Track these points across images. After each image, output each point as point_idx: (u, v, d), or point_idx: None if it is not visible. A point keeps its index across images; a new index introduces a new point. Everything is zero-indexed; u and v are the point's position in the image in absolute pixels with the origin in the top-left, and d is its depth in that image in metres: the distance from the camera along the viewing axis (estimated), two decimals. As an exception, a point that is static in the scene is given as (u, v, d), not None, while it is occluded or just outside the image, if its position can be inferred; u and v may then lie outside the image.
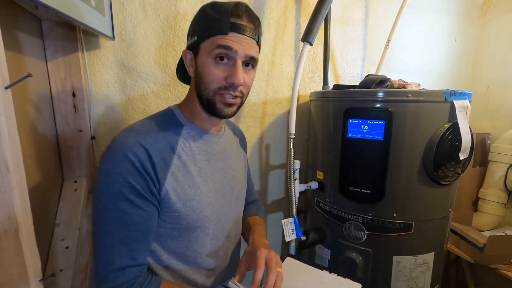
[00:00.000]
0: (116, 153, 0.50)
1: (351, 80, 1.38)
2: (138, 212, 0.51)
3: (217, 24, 0.54)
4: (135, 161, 0.50)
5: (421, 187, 0.88)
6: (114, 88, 0.94)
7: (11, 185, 0.42)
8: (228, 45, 0.53)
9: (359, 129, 0.89)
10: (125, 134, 0.53)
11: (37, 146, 0.68)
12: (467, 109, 0.86)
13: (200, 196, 0.58)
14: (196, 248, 0.59)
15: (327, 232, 1.04)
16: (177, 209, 0.55)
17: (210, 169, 0.62)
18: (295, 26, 1.21)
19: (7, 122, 0.41)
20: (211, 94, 0.56)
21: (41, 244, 0.51)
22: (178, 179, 0.55)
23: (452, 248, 1.31)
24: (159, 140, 0.55)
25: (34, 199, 0.50)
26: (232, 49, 0.53)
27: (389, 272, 0.93)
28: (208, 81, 0.55)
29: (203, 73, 0.56)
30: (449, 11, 1.51)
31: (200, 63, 0.56)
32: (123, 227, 0.50)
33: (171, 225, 0.56)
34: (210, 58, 0.54)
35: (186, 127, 0.60)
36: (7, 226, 0.42)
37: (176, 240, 0.57)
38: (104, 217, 0.50)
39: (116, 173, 0.49)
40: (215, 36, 0.54)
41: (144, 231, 0.52)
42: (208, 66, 0.55)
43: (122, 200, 0.49)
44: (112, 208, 0.49)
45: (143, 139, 0.52)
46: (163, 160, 0.54)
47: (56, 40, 0.77)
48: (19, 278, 0.44)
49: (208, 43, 0.54)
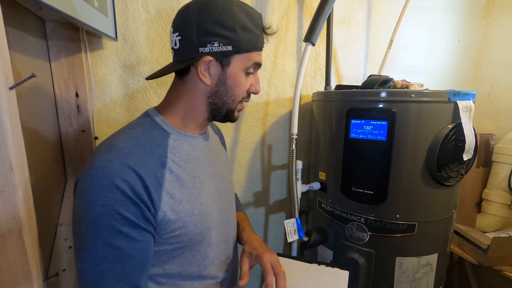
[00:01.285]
0: (100, 181, 0.42)
1: (353, 80, 1.37)
2: (133, 245, 0.44)
3: (256, 41, 0.53)
4: (125, 188, 0.42)
5: (424, 188, 0.88)
6: (116, 88, 0.95)
7: (15, 184, 0.42)
8: (260, 61, 0.56)
9: (361, 129, 0.89)
10: (106, 155, 0.45)
11: (40, 146, 0.69)
12: (471, 109, 0.85)
13: (199, 208, 0.54)
14: (200, 261, 0.56)
15: (329, 233, 1.04)
16: (177, 228, 0.50)
17: (203, 176, 0.57)
18: (298, 26, 1.20)
19: (11, 122, 0.42)
20: (234, 105, 0.56)
21: (44, 244, 0.51)
22: (174, 196, 0.50)
23: (455, 250, 1.30)
24: (147, 157, 0.47)
25: (37, 199, 0.50)
26: (260, 65, 0.57)
27: (392, 273, 0.92)
28: (237, 94, 0.55)
29: (233, 86, 0.54)
30: (452, 10, 1.50)
31: (230, 76, 0.53)
32: (117, 264, 0.43)
33: (172, 245, 0.51)
34: (243, 72, 0.54)
35: (172, 134, 0.54)
36: (11, 225, 0.42)
37: (179, 258, 0.53)
38: (93, 257, 0.42)
39: (104, 206, 0.42)
40: (252, 52, 0.53)
41: (141, 263, 0.46)
42: (240, 79, 0.54)
43: (114, 235, 0.42)
44: (103, 246, 0.42)
45: (130, 159, 0.45)
46: (155, 179, 0.47)
47: (59, 41, 0.77)
48: (23, 277, 0.44)
49: (245, 58, 0.53)
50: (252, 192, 1.26)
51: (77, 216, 0.43)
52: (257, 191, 1.27)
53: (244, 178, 1.23)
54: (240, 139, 1.19)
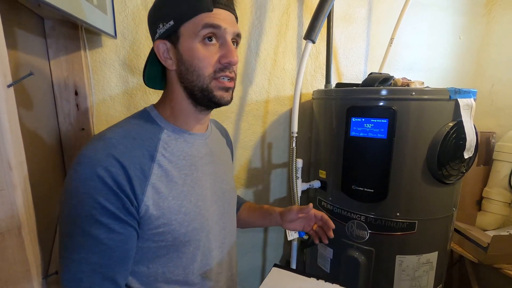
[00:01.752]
0: (83, 169, 0.42)
1: (354, 78, 1.37)
2: (111, 237, 0.43)
3: (198, 3, 0.47)
4: (106, 178, 0.42)
5: (424, 186, 0.87)
6: (116, 86, 0.94)
7: (13, 183, 0.42)
8: (216, 22, 0.48)
9: (362, 127, 0.89)
10: (93, 145, 0.45)
11: (39, 144, 0.69)
12: (472, 107, 0.85)
13: (187, 207, 0.51)
14: (187, 265, 0.53)
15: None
16: (160, 225, 0.48)
17: (197, 175, 0.54)
18: (298, 24, 1.20)
19: (9, 121, 0.41)
20: (207, 81, 0.50)
21: (44, 242, 0.51)
22: (159, 191, 0.48)
23: (455, 248, 1.30)
24: (135, 149, 0.47)
25: (36, 197, 0.50)
26: (220, 27, 0.48)
27: (392, 271, 0.92)
28: (200, 67, 0.49)
29: (191, 60, 0.49)
30: (453, 8, 1.49)
31: (184, 50, 0.49)
32: (94, 255, 0.42)
33: (156, 243, 0.49)
34: (197, 41, 0.48)
35: (167, 129, 0.53)
36: (10, 224, 0.42)
37: (163, 258, 0.50)
38: (71, 244, 0.42)
39: (84, 193, 0.42)
40: (198, 15, 0.47)
41: (120, 257, 0.45)
42: (197, 50, 0.48)
43: (92, 224, 0.42)
44: (81, 234, 0.42)
45: (115, 150, 0.44)
46: (141, 172, 0.46)
47: (58, 39, 0.77)
48: (22, 276, 0.44)
49: (191, 24, 0.48)
50: (252, 191, 1.26)
51: (61, 203, 0.44)
52: (257, 189, 1.27)
53: (244, 177, 1.23)
54: (240, 137, 1.19)
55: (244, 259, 1.29)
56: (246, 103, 1.17)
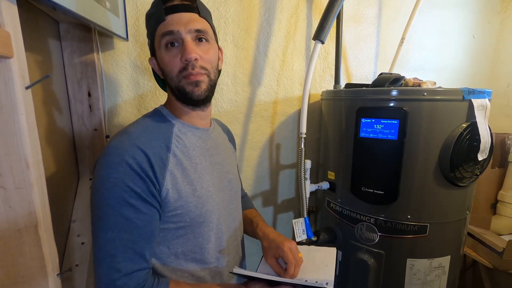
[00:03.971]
0: (113, 158, 0.49)
1: (363, 79, 1.35)
2: (140, 216, 0.50)
3: (155, 17, 0.56)
4: (133, 164, 0.49)
5: (436, 188, 0.85)
6: (127, 87, 0.96)
7: (31, 181, 0.43)
8: (169, 29, 0.54)
9: (372, 128, 0.88)
10: (119, 138, 0.52)
11: (54, 144, 0.71)
12: (487, 108, 0.82)
13: (200, 191, 0.58)
14: (203, 244, 0.59)
15: (338, 233, 1.03)
16: (178, 207, 0.55)
17: (206, 164, 0.61)
18: (307, 24, 1.19)
19: (27, 121, 0.43)
20: (176, 81, 0.56)
21: (58, 240, 0.53)
22: (176, 177, 0.55)
23: (469, 252, 1.26)
24: (154, 140, 0.54)
25: (52, 196, 0.52)
26: (174, 31, 0.54)
27: (403, 275, 0.91)
28: (169, 70, 0.56)
29: (164, 67, 0.57)
30: (467, 6, 1.46)
31: (159, 61, 0.58)
32: (126, 233, 0.49)
33: (175, 224, 0.56)
34: (162, 50, 0.56)
35: (177, 124, 0.60)
36: (27, 221, 0.44)
37: (182, 238, 0.57)
38: (105, 225, 0.48)
39: (115, 178, 0.48)
40: (157, 28, 0.56)
41: (147, 235, 0.51)
42: (163, 57, 0.56)
43: (123, 206, 0.48)
44: (114, 214, 0.48)
45: (139, 141, 0.51)
46: (160, 160, 0.53)
47: (73, 42, 0.79)
48: (39, 272, 0.46)
49: (156, 38, 0.57)
50: (260, 191, 1.26)
51: (94, 189, 0.49)
52: (265, 190, 1.27)
53: (252, 177, 1.23)
54: (248, 138, 1.19)
55: (253, 259, 1.29)
56: (254, 104, 1.17)
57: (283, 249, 0.62)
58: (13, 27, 0.41)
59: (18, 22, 0.43)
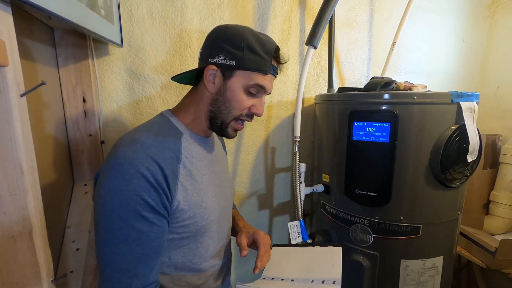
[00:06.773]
0: (126, 169, 0.46)
1: (356, 82, 1.37)
2: (152, 229, 0.48)
3: (262, 64, 0.56)
4: (149, 176, 0.47)
5: (428, 189, 0.87)
6: (122, 93, 0.97)
7: (25, 188, 0.44)
8: (264, 85, 0.58)
9: (364, 131, 0.89)
10: (131, 148, 0.49)
11: (49, 150, 0.71)
12: (475, 110, 0.85)
13: (206, 202, 0.59)
14: (202, 253, 0.60)
15: (333, 235, 1.04)
16: (187, 218, 0.55)
17: (210, 174, 0.62)
18: (300, 29, 1.21)
19: (22, 128, 0.43)
20: (229, 119, 0.59)
21: (53, 246, 0.53)
22: (186, 188, 0.55)
23: (463, 252, 1.28)
24: (165, 150, 0.53)
25: (46, 202, 0.52)
26: (266, 90, 0.59)
27: (397, 276, 0.92)
28: (234, 107, 0.58)
29: (231, 98, 0.57)
30: (456, 11, 1.49)
31: (230, 88, 0.57)
32: (138, 247, 0.47)
33: (180, 235, 0.55)
34: (243, 88, 0.57)
35: (185, 134, 0.59)
36: (21, 227, 0.44)
37: (184, 248, 0.57)
38: (115, 238, 0.46)
39: (129, 191, 0.46)
40: (255, 72, 0.57)
41: (157, 247, 0.50)
42: (240, 94, 0.57)
43: (137, 219, 0.46)
44: (126, 228, 0.46)
45: (152, 152, 0.50)
46: (172, 172, 0.52)
47: (67, 48, 0.80)
48: (33, 278, 0.46)
49: (247, 75, 0.57)
50: (256, 195, 1.27)
51: (101, 201, 0.46)
52: (261, 193, 1.28)
53: (248, 181, 1.24)
54: (243, 141, 1.20)
55: (250, 261, 1.29)
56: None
57: (260, 233, 0.67)
58: (8, 36, 0.42)
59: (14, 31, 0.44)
